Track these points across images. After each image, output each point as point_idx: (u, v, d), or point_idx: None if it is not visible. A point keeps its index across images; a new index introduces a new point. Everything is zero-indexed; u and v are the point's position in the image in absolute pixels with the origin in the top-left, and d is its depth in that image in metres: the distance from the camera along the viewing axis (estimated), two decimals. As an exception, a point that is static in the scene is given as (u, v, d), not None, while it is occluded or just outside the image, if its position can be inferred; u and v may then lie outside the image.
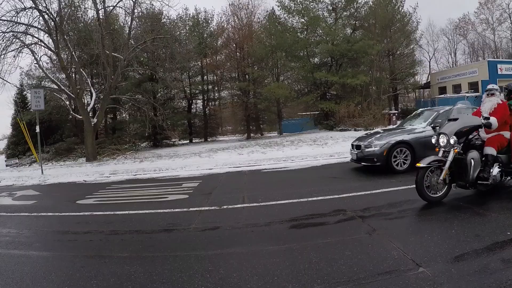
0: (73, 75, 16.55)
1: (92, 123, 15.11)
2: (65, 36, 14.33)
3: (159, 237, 4.74)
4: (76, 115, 16.94)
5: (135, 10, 15.64)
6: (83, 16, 18.15)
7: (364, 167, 8.84)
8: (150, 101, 20.00)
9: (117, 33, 18.10)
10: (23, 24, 13.48)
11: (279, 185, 7.95)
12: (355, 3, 25.49)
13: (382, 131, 9.58)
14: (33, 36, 14.11)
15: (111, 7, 15.36)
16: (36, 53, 14.50)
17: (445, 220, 4.49)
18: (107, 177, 10.97)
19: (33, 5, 13.17)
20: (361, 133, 13.72)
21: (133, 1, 15.22)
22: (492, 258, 3.25)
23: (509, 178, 5.38)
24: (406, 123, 9.86)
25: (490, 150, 5.16)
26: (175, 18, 23.28)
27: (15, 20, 13.26)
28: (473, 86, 25.61)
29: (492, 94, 5.49)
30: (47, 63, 18.34)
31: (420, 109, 10.79)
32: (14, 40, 13.38)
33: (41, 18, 13.55)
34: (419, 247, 3.64)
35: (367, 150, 8.43)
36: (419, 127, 8.68)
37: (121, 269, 3.63)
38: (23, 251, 4.49)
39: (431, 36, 41.23)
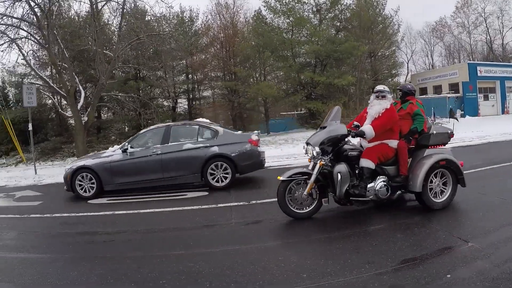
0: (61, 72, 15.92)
1: (83, 122, 14.65)
2: (54, 31, 13.75)
3: (203, 233, 4.69)
4: (64, 113, 16.34)
5: (125, 6, 15.29)
6: (69, 10, 17.65)
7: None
8: (142, 99, 19.65)
9: (105, 30, 17.66)
10: (13, 17, 12.79)
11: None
12: (339, 5, 25.97)
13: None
14: (26, 31, 13.46)
15: (104, 2, 14.88)
16: (22, 49, 13.86)
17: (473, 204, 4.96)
18: (108, 176, 10.66)
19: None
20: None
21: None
22: None
23: (399, 192, 4.77)
24: None
25: (366, 163, 4.53)
26: (159, 16, 22.99)
27: (8, 14, 12.53)
28: (454, 87, 26.58)
29: (383, 97, 4.78)
30: (30, 59, 17.58)
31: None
32: (1, 35, 12.68)
33: (31, 11, 12.93)
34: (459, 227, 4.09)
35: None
36: (109, 150, 7.97)
37: (185, 267, 3.50)
38: (58, 255, 4.28)
39: (409, 39, 42.32)
